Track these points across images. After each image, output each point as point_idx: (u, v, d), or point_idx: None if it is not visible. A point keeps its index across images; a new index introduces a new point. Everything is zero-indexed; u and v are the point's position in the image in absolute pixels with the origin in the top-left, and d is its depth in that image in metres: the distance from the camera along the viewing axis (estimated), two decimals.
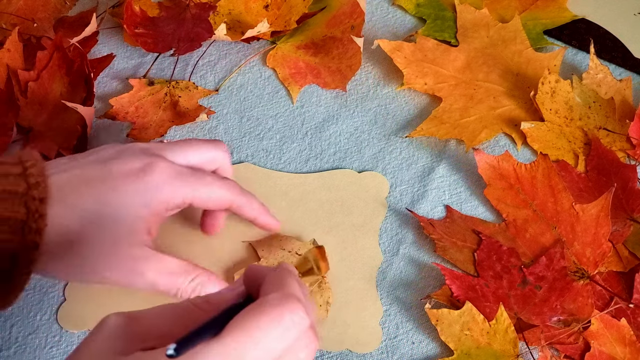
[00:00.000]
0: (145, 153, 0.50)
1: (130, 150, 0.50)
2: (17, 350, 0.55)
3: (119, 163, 0.49)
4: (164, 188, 0.49)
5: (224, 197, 0.52)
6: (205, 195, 0.51)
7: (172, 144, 0.53)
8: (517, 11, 0.72)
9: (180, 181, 0.50)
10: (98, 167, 0.48)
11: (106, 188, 0.47)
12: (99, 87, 0.68)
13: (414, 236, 0.60)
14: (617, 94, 0.67)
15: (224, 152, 0.55)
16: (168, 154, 0.51)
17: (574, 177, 0.62)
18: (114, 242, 0.47)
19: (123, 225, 0.47)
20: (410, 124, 0.67)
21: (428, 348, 0.55)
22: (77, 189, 0.47)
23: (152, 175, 0.48)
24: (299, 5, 0.71)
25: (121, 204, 0.47)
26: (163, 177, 0.49)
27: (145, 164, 0.49)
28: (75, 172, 0.48)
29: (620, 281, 0.58)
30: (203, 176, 0.52)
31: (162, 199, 0.49)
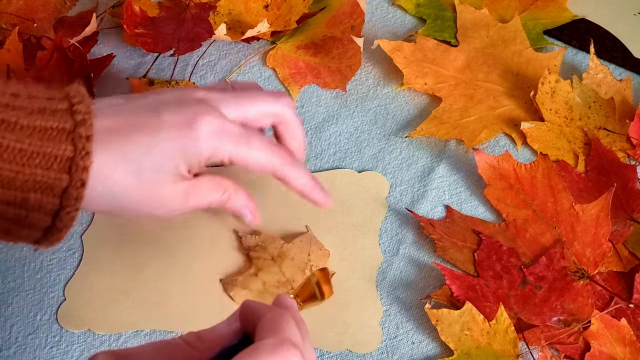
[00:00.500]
0: (199, 104, 0.50)
1: (186, 99, 0.50)
2: (17, 350, 0.55)
3: (171, 113, 0.49)
4: (207, 144, 0.49)
5: (268, 163, 0.52)
6: (248, 157, 0.51)
7: (230, 96, 0.52)
8: (517, 11, 0.72)
9: (225, 139, 0.49)
10: (148, 114, 0.49)
11: (151, 138, 0.48)
12: (99, 87, 0.68)
13: (414, 236, 0.60)
14: (617, 94, 0.67)
15: (286, 106, 0.54)
16: (223, 106, 0.51)
17: (574, 177, 0.62)
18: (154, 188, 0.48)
19: (162, 174, 0.48)
20: (410, 124, 0.67)
21: (428, 348, 0.55)
22: (122, 136, 0.47)
23: (199, 129, 0.48)
24: (299, 5, 0.71)
25: (163, 154, 0.48)
26: (209, 131, 0.49)
27: (195, 115, 0.49)
28: (124, 117, 0.48)
29: (620, 281, 0.58)
30: (250, 138, 0.51)
31: (202, 152, 0.49)
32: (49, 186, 0.44)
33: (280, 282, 0.57)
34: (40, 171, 0.44)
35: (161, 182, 0.48)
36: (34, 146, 0.43)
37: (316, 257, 0.58)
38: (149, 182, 0.48)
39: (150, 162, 0.47)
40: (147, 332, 0.56)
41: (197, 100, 0.50)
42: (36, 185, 0.44)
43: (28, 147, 0.43)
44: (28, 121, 0.44)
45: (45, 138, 0.44)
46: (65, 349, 0.55)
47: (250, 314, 0.39)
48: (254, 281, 0.57)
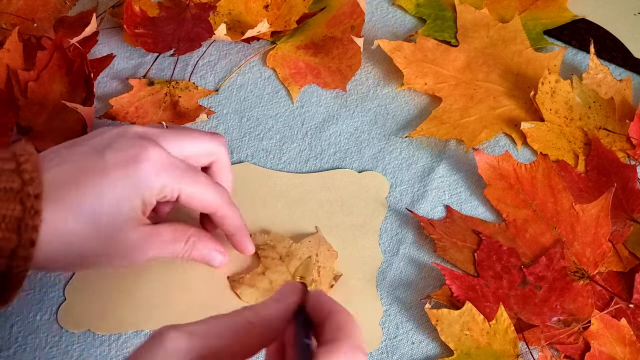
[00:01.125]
0: (140, 138, 0.49)
1: (126, 136, 0.50)
2: (17, 350, 0.55)
3: (113, 151, 0.48)
4: (155, 178, 0.48)
5: (212, 202, 0.52)
6: (194, 194, 0.51)
7: (169, 131, 0.52)
8: (517, 11, 0.72)
9: (171, 173, 0.49)
10: (93, 157, 0.48)
11: (101, 181, 0.47)
12: (99, 87, 0.68)
13: (414, 236, 0.60)
14: (617, 94, 0.67)
15: (222, 146, 0.54)
16: (163, 142, 0.50)
17: (574, 177, 0.62)
18: (113, 235, 0.48)
19: (119, 217, 0.48)
20: (410, 124, 0.67)
21: (428, 348, 0.55)
22: (73, 185, 0.47)
23: (143, 163, 0.48)
24: (299, 5, 0.71)
25: (116, 196, 0.47)
26: (155, 166, 0.48)
27: (138, 151, 0.48)
28: (71, 165, 0.48)
29: (620, 281, 0.58)
30: (196, 174, 0.51)
31: (152, 188, 0.48)
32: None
33: (287, 282, 0.57)
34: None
35: (119, 228, 0.48)
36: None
37: (324, 257, 0.58)
38: (106, 230, 0.47)
39: (103, 208, 0.47)
40: (147, 332, 0.56)
41: (137, 136, 0.50)
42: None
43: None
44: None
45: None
46: (65, 349, 0.55)
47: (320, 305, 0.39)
48: (261, 280, 0.57)
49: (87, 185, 0.47)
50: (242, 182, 0.62)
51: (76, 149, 0.49)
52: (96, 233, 0.47)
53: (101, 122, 0.65)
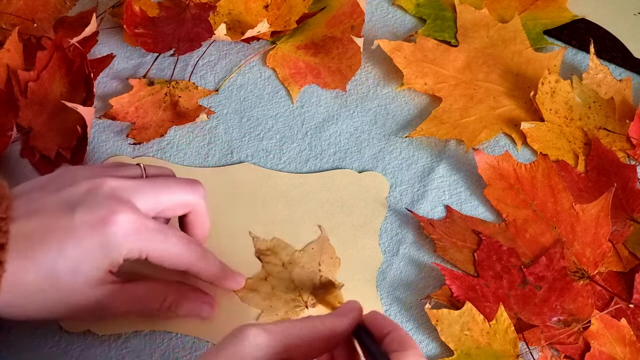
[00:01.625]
0: (112, 198, 0.49)
1: (98, 194, 0.49)
2: (17, 351, 0.55)
3: (83, 211, 0.48)
4: (122, 242, 0.49)
5: (185, 259, 0.52)
6: (164, 255, 0.51)
7: (145, 185, 0.52)
8: (517, 11, 0.72)
9: (141, 236, 0.49)
10: (63, 214, 0.48)
11: (67, 240, 0.47)
12: (99, 87, 0.68)
13: (414, 236, 0.60)
14: (617, 94, 0.67)
15: (198, 196, 0.54)
16: (137, 197, 0.50)
17: (574, 177, 0.62)
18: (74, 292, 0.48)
19: (80, 275, 0.48)
20: (410, 124, 0.67)
21: (428, 348, 0.55)
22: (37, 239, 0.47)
23: (112, 227, 0.48)
24: (299, 5, 0.71)
25: (81, 257, 0.48)
26: (124, 230, 0.48)
27: (108, 214, 0.48)
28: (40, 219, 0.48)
29: (620, 281, 0.58)
30: (165, 235, 0.51)
31: (118, 251, 0.49)
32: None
33: (289, 289, 0.57)
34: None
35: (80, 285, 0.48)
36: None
37: (327, 266, 0.58)
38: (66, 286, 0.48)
39: (64, 266, 0.47)
40: (147, 333, 0.56)
41: (110, 193, 0.50)
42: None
43: None
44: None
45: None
46: (65, 349, 0.55)
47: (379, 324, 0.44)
48: (262, 284, 0.57)
49: (52, 242, 0.47)
50: (242, 182, 0.63)
51: (48, 199, 0.49)
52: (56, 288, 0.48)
53: (101, 122, 0.65)
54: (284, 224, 0.60)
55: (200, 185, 0.54)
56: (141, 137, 0.64)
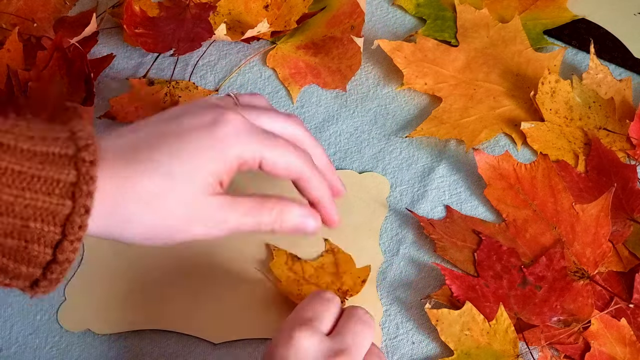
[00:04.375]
0: (217, 106, 0.48)
1: (202, 104, 0.49)
2: (17, 350, 0.55)
3: (191, 117, 0.47)
4: (235, 141, 0.47)
5: (294, 165, 0.49)
6: (275, 157, 0.48)
7: (244, 107, 0.51)
8: (517, 11, 0.72)
9: (251, 137, 0.47)
10: (170, 122, 0.47)
11: (179, 141, 0.46)
12: (99, 87, 0.68)
13: (414, 236, 0.60)
14: (617, 94, 0.67)
15: (301, 128, 0.52)
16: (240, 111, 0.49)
17: (574, 177, 0.62)
18: (193, 197, 0.46)
19: (197, 179, 0.46)
20: (410, 124, 0.67)
21: (428, 348, 0.55)
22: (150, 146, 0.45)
23: (223, 128, 0.46)
24: (299, 5, 0.71)
25: (194, 157, 0.46)
26: (235, 129, 0.47)
27: (217, 115, 0.47)
28: (146, 130, 0.47)
29: (620, 281, 0.58)
30: (276, 138, 0.49)
31: (232, 152, 0.47)
32: (50, 213, 0.41)
33: None
34: (41, 196, 0.41)
35: (196, 190, 0.46)
36: (34, 169, 0.41)
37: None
38: (182, 190, 0.45)
39: (180, 168, 0.45)
40: (147, 332, 0.56)
41: (214, 104, 0.49)
42: (37, 212, 0.41)
43: (28, 170, 0.41)
44: (28, 146, 0.42)
45: (47, 162, 0.42)
46: (65, 348, 0.55)
47: None
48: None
49: (164, 145, 0.45)
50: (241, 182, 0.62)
51: (154, 119, 0.48)
52: (174, 193, 0.45)
53: (101, 122, 0.65)
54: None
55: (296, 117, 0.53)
56: None
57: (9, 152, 0.41)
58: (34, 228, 0.41)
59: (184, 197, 0.45)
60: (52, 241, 0.42)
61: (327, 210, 0.52)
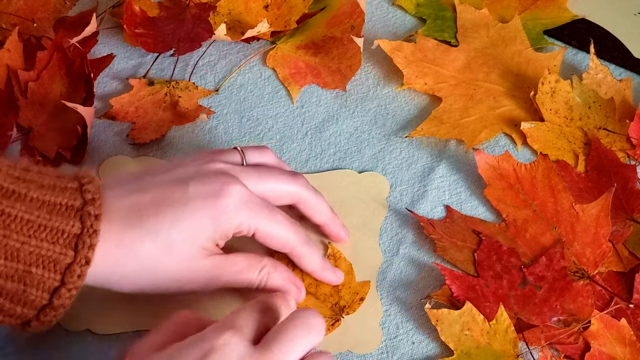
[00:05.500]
0: (223, 174, 0.51)
1: (207, 170, 0.51)
2: (17, 350, 0.55)
3: (196, 184, 0.50)
4: (235, 214, 0.50)
5: (290, 241, 0.53)
6: (272, 232, 0.52)
7: (250, 169, 0.53)
8: (517, 11, 0.72)
9: (250, 210, 0.50)
10: (177, 187, 0.49)
11: (183, 212, 0.48)
12: (99, 87, 0.68)
13: (414, 236, 0.60)
14: (617, 94, 0.67)
15: (302, 187, 0.55)
16: (244, 178, 0.52)
17: (574, 177, 0.62)
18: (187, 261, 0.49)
19: (194, 245, 0.49)
20: (410, 124, 0.67)
21: (428, 348, 0.55)
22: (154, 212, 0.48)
23: (226, 199, 0.49)
24: (299, 5, 0.71)
25: (195, 227, 0.49)
26: (236, 202, 0.50)
27: (221, 187, 0.50)
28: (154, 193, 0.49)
29: (620, 281, 0.58)
30: (273, 212, 0.52)
31: (232, 224, 0.50)
32: (52, 260, 0.44)
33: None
34: (45, 244, 0.44)
35: (192, 255, 0.49)
36: (42, 219, 0.44)
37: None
38: (179, 256, 0.48)
39: (179, 235, 0.48)
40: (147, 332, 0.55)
41: (219, 171, 0.51)
42: (40, 259, 0.44)
43: (36, 219, 0.44)
44: (38, 194, 0.44)
45: (54, 212, 0.45)
46: (65, 348, 0.55)
47: None
48: None
49: (167, 212, 0.48)
50: None
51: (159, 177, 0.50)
52: (169, 258, 0.48)
53: (101, 122, 0.65)
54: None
55: (302, 176, 0.56)
56: (141, 137, 0.64)
57: (20, 200, 0.44)
58: (35, 273, 0.44)
59: (181, 262, 0.49)
60: (51, 287, 0.45)
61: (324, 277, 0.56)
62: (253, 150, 0.56)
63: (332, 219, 0.57)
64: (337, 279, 0.56)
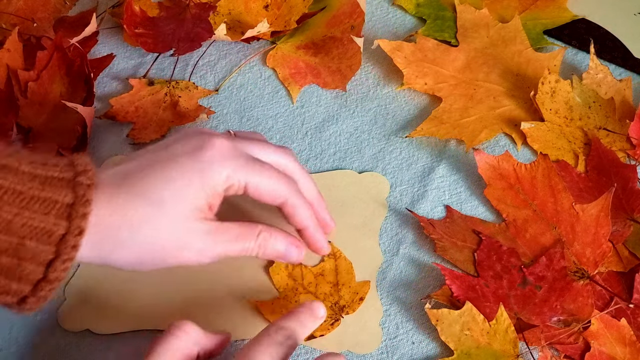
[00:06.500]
0: (206, 132, 0.50)
1: (193, 132, 0.51)
2: (17, 350, 0.55)
3: (179, 144, 0.49)
4: (220, 165, 0.49)
5: (279, 190, 0.51)
6: (260, 181, 0.50)
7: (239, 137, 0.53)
8: (517, 11, 0.72)
9: (237, 160, 0.49)
10: (161, 151, 0.49)
11: (171, 170, 0.48)
12: (99, 87, 0.68)
13: (414, 236, 0.60)
14: (617, 94, 0.67)
15: (292, 159, 0.54)
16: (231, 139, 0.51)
17: (574, 177, 0.62)
18: (182, 222, 0.48)
19: (186, 203, 0.48)
20: (410, 124, 0.67)
21: (428, 348, 0.55)
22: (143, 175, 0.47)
23: (209, 151, 0.49)
24: (299, 5, 0.71)
25: (182, 182, 0.48)
26: (220, 153, 0.49)
27: (204, 141, 0.49)
28: (139, 160, 0.49)
29: (620, 281, 0.58)
30: (262, 164, 0.51)
31: (218, 175, 0.49)
32: (46, 232, 0.43)
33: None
34: (38, 216, 0.43)
35: (185, 215, 0.48)
36: (34, 190, 0.43)
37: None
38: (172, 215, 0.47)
39: (170, 194, 0.47)
40: (147, 332, 0.56)
41: (204, 131, 0.51)
42: (33, 231, 0.43)
43: (28, 191, 0.43)
44: (30, 169, 0.44)
45: (47, 184, 0.44)
46: (65, 348, 0.55)
47: None
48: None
49: (156, 172, 0.48)
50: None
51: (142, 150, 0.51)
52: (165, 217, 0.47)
53: (101, 122, 0.65)
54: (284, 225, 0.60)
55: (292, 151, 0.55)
56: (141, 137, 0.64)
57: (11, 172, 0.43)
58: (29, 246, 0.43)
59: (174, 222, 0.48)
60: (45, 260, 0.44)
61: (313, 238, 0.54)
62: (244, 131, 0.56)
63: (318, 200, 0.56)
64: (327, 248, 0.55)
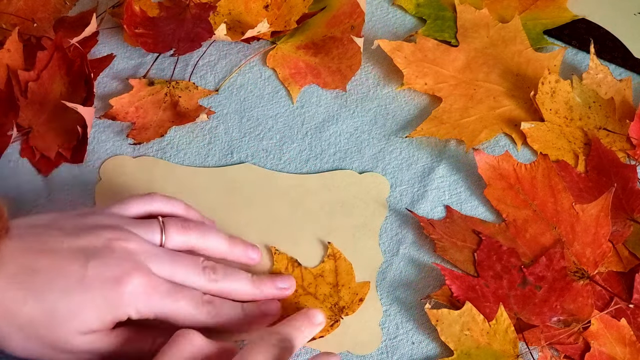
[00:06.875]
0: (129, 260, 0.49)
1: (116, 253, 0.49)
2: None
3: (99, 265, 0.48)
4: (131, 303, 0.49)
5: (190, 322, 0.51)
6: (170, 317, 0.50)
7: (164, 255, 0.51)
8: (517, 11, 0.72)
9: (150, 299, 0.49)
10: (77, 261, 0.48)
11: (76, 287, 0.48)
12: (99, 87, 0.68)
13: (414, 236, 0.60)
14: (617, 94, 0.67)
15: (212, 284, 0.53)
16: (154, 265, 0.50)
17: (574, 177, 0.62)
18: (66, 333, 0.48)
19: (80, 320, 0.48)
20: (410, 124, 0.67)
21: (428, 348, 0.55)
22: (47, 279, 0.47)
23: (125, 287, 0.48)
24: (299, 5, 0.71)
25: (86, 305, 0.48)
26: (135, 293, 0.48)
27: (123, 274, 0.48)
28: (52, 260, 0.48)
29: (620, 281, 0.58)
30: (177, 299, 0.50)
31: (126, 311, 0.49)
32: None
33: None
34: None
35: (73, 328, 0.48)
36: None
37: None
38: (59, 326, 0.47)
39: (65, 307, 0.47)
40: None
41: (127, 255, 0.49)
42: None
43: None
44: None
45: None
46: None
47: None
48: None
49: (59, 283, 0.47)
50: (242, 182, 0.63)
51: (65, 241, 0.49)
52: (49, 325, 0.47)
53: (101, 122, 0.65)
54: (284, 225, 0.60)
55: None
56: (141, 137, 0.64)
57: None
58: None
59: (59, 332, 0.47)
60: None
61: None
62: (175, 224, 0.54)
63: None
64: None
